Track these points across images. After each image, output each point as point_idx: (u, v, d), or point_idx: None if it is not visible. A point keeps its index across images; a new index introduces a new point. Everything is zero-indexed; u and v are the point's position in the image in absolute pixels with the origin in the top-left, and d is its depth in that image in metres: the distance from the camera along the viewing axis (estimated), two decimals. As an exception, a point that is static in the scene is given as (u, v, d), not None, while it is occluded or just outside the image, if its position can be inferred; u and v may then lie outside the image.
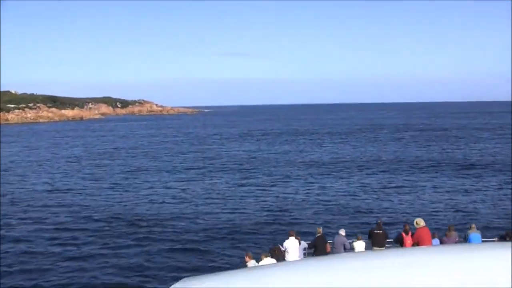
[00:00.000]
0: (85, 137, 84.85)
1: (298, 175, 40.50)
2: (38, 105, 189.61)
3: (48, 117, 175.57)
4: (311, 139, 75.86)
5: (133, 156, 55.40)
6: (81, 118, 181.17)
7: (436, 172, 41.05)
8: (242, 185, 36.73)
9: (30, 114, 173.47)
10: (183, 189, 35.25)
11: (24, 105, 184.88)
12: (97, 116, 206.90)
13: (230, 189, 35.21)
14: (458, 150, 55.96)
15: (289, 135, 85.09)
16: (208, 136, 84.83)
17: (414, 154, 52.69)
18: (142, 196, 32.94)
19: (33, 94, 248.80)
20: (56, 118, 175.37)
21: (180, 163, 49.81)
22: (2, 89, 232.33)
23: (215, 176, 40.67)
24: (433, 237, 16.38)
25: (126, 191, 35.26)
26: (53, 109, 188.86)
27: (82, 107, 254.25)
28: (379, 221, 17.56)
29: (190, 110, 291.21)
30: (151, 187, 36.46)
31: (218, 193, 33.71)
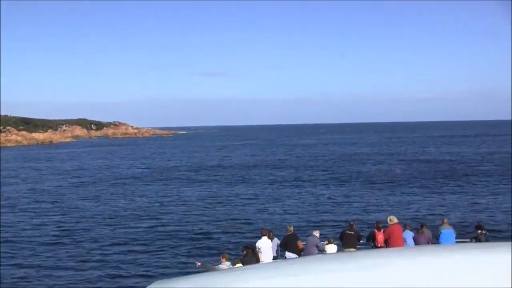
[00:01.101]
0: (29, 170, 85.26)
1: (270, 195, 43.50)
2: (8, 128, 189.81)
3: (17, 140, 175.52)
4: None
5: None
6: (51, 142, 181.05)
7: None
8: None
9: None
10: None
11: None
12: (68, 140, 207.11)
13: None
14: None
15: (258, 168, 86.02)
16: (160, 170, 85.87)
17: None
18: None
19: (6, 115, 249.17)
20: (25, 142, 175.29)
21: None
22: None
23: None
24: (405, 229, 16.83)
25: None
26: (23, 132, 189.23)
27: (56, 129, 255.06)
28: (351, 222, 17.92)
29: (165, 132, 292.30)
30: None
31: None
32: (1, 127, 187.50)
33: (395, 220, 16.50)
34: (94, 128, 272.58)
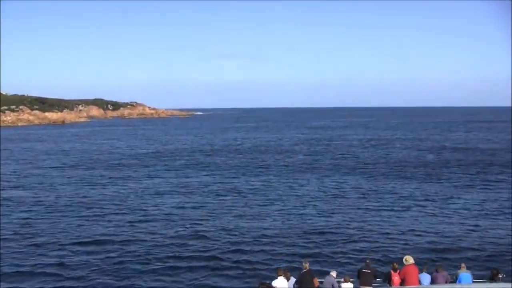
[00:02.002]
0: (28, 149, 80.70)
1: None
2: (21, 107, 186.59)
3: (29, 120, 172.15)
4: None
5: None
6: (63, 122, 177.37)
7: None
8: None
9: (9, 118, 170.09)
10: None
11: (6, 107, 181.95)
12: (82, 119, 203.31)
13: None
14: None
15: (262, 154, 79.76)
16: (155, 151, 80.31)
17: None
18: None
19: (23, 95, 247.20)
20: (37, 122, 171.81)
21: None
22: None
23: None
24: (422, 271, 16.87)
25: None
26: (36, 112, 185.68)
27: (72, 109, 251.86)
28: (367, 260, 17.96)
29: (182, 113, 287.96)
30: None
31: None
32: (14, 106, 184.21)
33: (411, 261, 16.72)
34: (110, 108, 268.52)
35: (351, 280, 16.66)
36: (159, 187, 42.52)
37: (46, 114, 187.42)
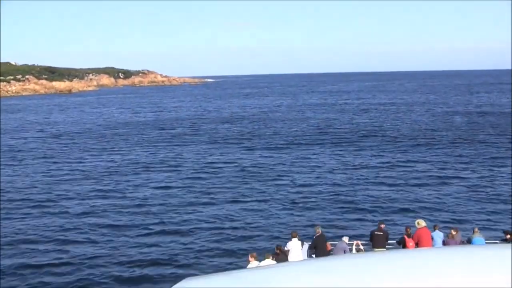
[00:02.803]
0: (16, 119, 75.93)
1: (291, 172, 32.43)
2: (27, 76, 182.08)
3: (34, 90, 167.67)
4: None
5: None
6: (70, 91, 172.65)
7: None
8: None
9: (15, 87, 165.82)
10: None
11: (12, 77, 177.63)
12: (90, 88, 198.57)
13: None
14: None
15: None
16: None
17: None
18: None
19: (33, 65, 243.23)
20: (42, 91, 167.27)
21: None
22: (3, 60, 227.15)
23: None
24: (434, 229, 16.87)
25: None
26: (43, 81, 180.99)
27: (82, 78, 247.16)
28: (380, 222, 17.81)
29: (194, 80, 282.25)
30: None
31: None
32: (20, 76, 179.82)
33: (423, 224, 16.67)
34: (122, 76, 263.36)
35: (362, 246, 16.82)
36: (146, 160, 36.99)
37: (53, 83, 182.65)
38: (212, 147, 42.53)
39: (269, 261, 13.81)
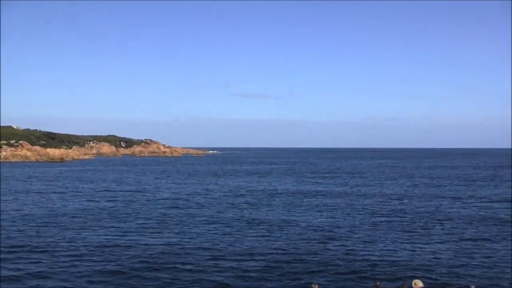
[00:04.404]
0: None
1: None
2: (20, 142, 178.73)
3: (25, 156, 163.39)
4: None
5: None
6: (62, 159, 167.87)
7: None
8: None
9: (5, 153, 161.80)
10: None
11: (5, 142, 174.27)
12: (86, 157, 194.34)
13: None
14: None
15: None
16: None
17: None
18: None
19: (36, 130, 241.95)
20: (33, 158, 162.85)
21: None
22: (5, 124, 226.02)
23: None
24: None
25: None
26: (37, 148, 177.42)
27: (82, 145, 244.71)
28: (378, 283, 18.34)
29: (197, 151, 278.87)
30: None
31: None
32: (14, 141, 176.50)
33: (420, 285, 17.00)
34: (123, 145, 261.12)
35: None
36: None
37: (48, 150, 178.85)
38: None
39: None
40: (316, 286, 17.50)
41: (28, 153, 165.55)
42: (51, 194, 67.08)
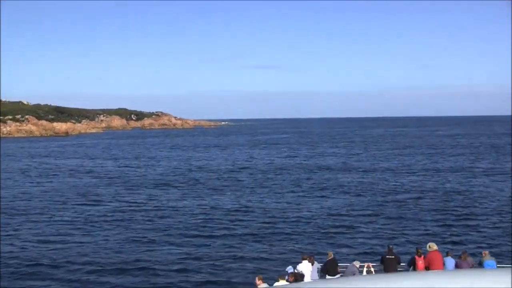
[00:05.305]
0: None
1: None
2: (26, 117, 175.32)
3: (30, 131, 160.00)
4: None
5: None
6: (66, 133, 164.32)
7: None
8: None
9: (9, 128, 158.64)
10: None
11: (10, 117, 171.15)
12: (94, 130, 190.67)
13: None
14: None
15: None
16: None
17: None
18: None
19: (46, 105, 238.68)
20: (37, 133, 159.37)
21: None
22: (15, 99, 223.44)
23: None
24: (447, 255, 16.99)
25: None
26: (43, 122, 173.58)
27: (93, 119, 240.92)
28: (390, 246, 17.90)
29: (209, 123, 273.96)
30: None
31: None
32: (19, 116, 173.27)
33: (435, 247, 16.75)
34: (134, 118, 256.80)
35: (373, 265, 17.00)
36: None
37: (54, 124, 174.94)
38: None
39: (282, 282, 14.75)
40: (331, 253, 17.72)
41: (33, 128, 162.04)
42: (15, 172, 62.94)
